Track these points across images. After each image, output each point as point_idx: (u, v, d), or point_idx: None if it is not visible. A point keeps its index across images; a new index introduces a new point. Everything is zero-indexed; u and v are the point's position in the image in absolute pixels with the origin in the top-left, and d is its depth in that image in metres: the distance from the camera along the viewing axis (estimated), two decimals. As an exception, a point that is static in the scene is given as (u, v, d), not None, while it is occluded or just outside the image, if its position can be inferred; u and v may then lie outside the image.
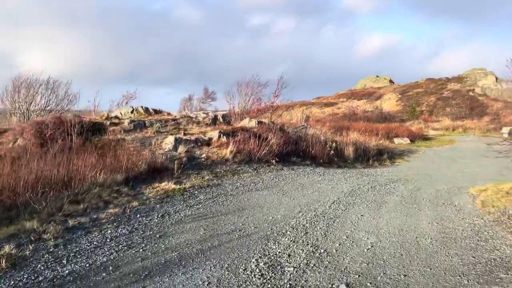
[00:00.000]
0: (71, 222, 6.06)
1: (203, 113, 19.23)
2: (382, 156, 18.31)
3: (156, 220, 6.59)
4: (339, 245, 5.62)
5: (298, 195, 8.93)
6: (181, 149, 12.08)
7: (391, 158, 18.29)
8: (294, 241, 5.78)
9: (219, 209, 7.51)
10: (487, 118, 39.90)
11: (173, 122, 16.18)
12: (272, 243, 5.69)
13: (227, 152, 12.53)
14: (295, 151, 15.34)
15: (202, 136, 13.90)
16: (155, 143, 12.24)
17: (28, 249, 4.90)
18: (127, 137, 13.40)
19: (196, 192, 8.70)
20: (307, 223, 6.70)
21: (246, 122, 17.26)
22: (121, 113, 17.59)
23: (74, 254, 4.93)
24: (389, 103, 53.66)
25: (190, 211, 7.26)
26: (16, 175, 7.27)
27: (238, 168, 11.73)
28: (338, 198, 8.66)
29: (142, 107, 18.18)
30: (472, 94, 49.14)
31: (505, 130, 27.98)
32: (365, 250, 5.42)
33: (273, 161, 13.33)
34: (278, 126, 16.99)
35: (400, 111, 48.68)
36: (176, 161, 10.83)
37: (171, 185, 8.90)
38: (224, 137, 13.74)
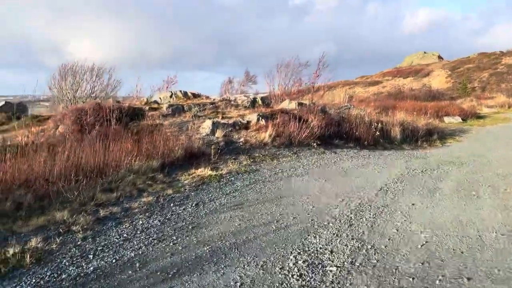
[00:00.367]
0: (102, 212, 5.84)
1: (244, 96, 18.81)
2: (432, 137, 17.13)
3: (190, 210, 6.26)
4: (389, 240, 5.02)
5: (342, 181, 8.32)
6: (219, 133, 11.72)
7: (442, 139, 17.07)
8: (337, 235, 5.24)
9: (256, 197, 7.08)
10: (548, 94, 36.79)
11: (211, 106, 15.86)
12: (313, 237, 5.18)
13: (266, 136, 12.05)
14: (338, 133, 14.60)
15: (241, 120, 13.48)
16: (192, 128, 11.96)
17: (55, 243, 4.69)
18: (165, 122, 13.22)
19: (233, 179, 8.31)
20: (352, 214, 6.12)
21: (286, 104, 16.66)
22: (160, 98, 17.50)
23: (102, 248, 4.67)
24: (438, 80, 50.87)
25: (226, 200, 6.87)
26: (51, 163, 7.16)
27: (277, 152, 11.24)
28: (386, 184, 7.97)
29: (181, 91, 18.00)
30: (531, 68, 45.51)
31: None
32: (419, 247, 4.78)
33: (314, 144, 12.71)
34: (320, 107, 16.24)
35: (450, 89, 45.99)
36: (213, 146, 10.49)
37: (208, 171, 8.56)
38: (263, 120, 13.24)
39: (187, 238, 5.08)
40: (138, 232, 5.22)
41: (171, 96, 17.51)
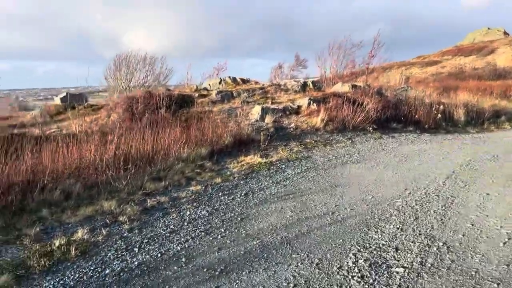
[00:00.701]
0: (150, 202, 5.66)
1: (294, 81, 18.21)
2: (499, 118, 15.68)
3: (239, 200, 5.93)
4: (463, 237, 4.38)
5: (402, 169, 7.63)
6: (268, 119, 11.31)
7: (511, 120, 15.59)
8: (402, 229, 4.67)
9: (309, 186, 6.62)
10: None
11: (261, 91, 15.45)
12: (374, 232, 4.65)
13: (318, 121, 11.48)
14: (395, 116, 13.71)
15: (291, 105, 12.98)
16: (241, 114, 11.64)
17: (102, 234, 4.53)
18: (214, 109, 13.01)
19: (284, 166, 7.89)
20: (417, 205, 5.50)
21: (339, 87, 15.90)
22: (210, 85, 17.35)
23: (148, 241, 4.45)
24: (504, 58, 46.98)
25: (276, 189, 6.48)
26: (101, 152, 7.12)
27: (330, 138, 10.66)
28: (453, 172, 7.19)
29: (230, 78, 17.74)
30: None
31: None
32: (501, 245, 4.12)
33: (370, 129, 11.97)
34: (375, 89, 15.33)
35: (518, 66, 42.29)
36: (263, 132, 10.11)
37: (257, 159, 8.20)
38: (315, 104, 12.65)
39: (236, 231, 4.75)
40: (185, 224, 4.96)
41: (220, 83, 17.31)
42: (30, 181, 5.70)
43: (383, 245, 4.26)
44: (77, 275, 3.73)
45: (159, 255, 4.12)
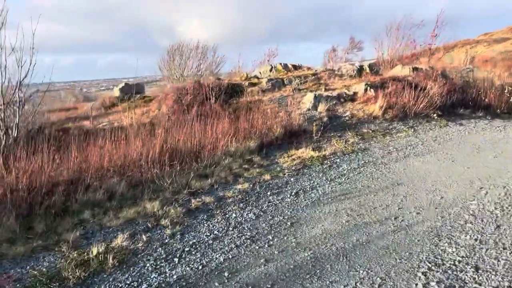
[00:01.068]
0: (194, 203, 5.32)
1: (349, 64, 17.24)
2: None
3: (289, 200, 5.44)
4: (562, 254, 3.61)
5: (475, 162, 6.75)
6: (321, 108, 10.65)
7: None
8: (481, 241, 3.96)
9: (367, 184, 5.98)
10: None
11: (313, 78, 14.72)
12: (446, 243, 3.98)
13: (376, 108, 10.64)
14: (462, 101, 12.50)
15: (346, 91, 12.19)
16: (292, 103, 11.06)
17: (142, 240, 4.24)
18: (264, 98, 12.52)
19: (338, 160, 7.27)
20: (497, 209, 4.71)
21: (398, 70, 14.78)
22: (260, 72, 16.85)
23: (189, 249, 4.10)
24: None
25: (330, 187, 5.91)
26: (148, 147, 6.91)
27: (390, 127, 9.82)
28: (538, 167, 6.23)
29: (281, 64, 17.12)
30: None
31: None
32: None
33: (435, 116, 10.94)
34: (439, 72, 14.06)
35: None
36: (315, 122, 9.50)
37: (309, 152, 7.64)
38: (372, 90, 11.78)
39: (285, 239, 4.27)
40: (230, 229, 4.56)
41: (271, 70, 16.74)
42: (75, 180, 5.57)
43: (459, 262, 3.59)
44: (112, 290, 3.45)
45: (200, 267, 3.75)
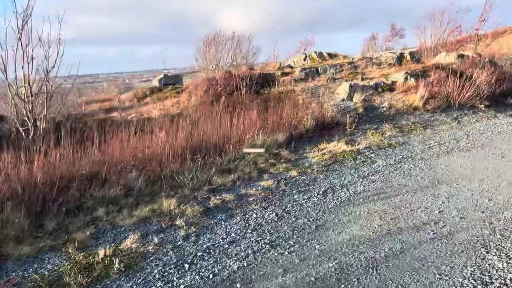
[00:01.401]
0: (214, 200, 4.98)
1: (390, 52, 16.35)
2: None
3: (316, 200, 4.99)
4: None
5: (529, 160, 6.02)
6: (357, 98, 10.03)
7: None
8: (539, 256, 3.37)
9: (404, 183, 5.42)
10: None
11: (349, 66, 14.04)
12: (495, 256, 3.42)
13: (416, 98, 9.90)
14: (512, 91, 11.48)
15: (384, 80, 11.47)
16: (325, 93, 10.50)
17: (153, 243, 3.95)
18: (296, 88, 12.02)
19: (373, 155, 6.71)
20: (557, 216, 4.06)
21: (442, 58, 13.81)
22: (294, 62, 16.32)
23: (202, 254, 3.75)
24: None
25: (363, 185, 5.40)
26: (172, 139, 6.64)
27: (431, 119, 9.10)
28: None
29: (316, 53, 16.49)
30: None
31: None
32: None
33: (481, 106, 10.07)
34: (486, 59, 13.00)
35: None
36: (350, 114, 8.93)
37: (341, 146, 7.13)
38: (412, 79, 11.01)
39: (308, 245, 3.85)
40: (249, 231, 4.18)
41: (305, 59, 16.16)
42: (93, 175, 5.37)
43: (512, 282, 3.04)
44: (114, 299, 3.17)
45: (211, 276, 3.39)
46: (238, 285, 3.24)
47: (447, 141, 7.46)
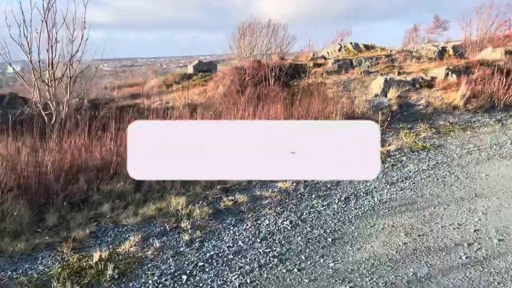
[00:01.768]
0: (226, 202, 4.66)
1: (432, 45, 15.42)
2: None
3: (336, 207, 4.57)
4: None
5: None
6: (391, 94, 9.41)
7: None
8: None
9: (437, 192, 4.90)
10: None
11: (386, 59, 13.28)
12: (541, 294, 2.92)
13: (457, 97, 9.19)
14: None
15: (422, 75, 10.74)
16: (355, 87, 9.93)
17: (153, 247, 3.67)
18: (328, 80, 11.47)
19: (404, 159, 6.19)
20: None
21: (488, 53, 12.83)
22: (328, 52, 15.67)
23: (203, 264, 3.44)
24: None
25: (389, 193, 4.92)
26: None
27: (472, 119, 8.40)
28: None
29: (352, 44, 15.75)
30: None
31: None
32: None
33: (530, 108, 9.22)
34: (538, 56, 11.95)
35: None
36: (383, 111, 8.37)
37: (370, 146, 6.61)
38: (454, 76, 10.24)
39: (321, 261, 3.45)
40: (258, 240, 3.83)
41: (340, 50, 15.47)
42: (102, 167, 5.16)
43: (560, 330, 2.55)
44: (100, 312, 2.91)
45: (209, 292, 3.07)
46: (237, 306, 2.91)
47: (488, 146, 6.81)
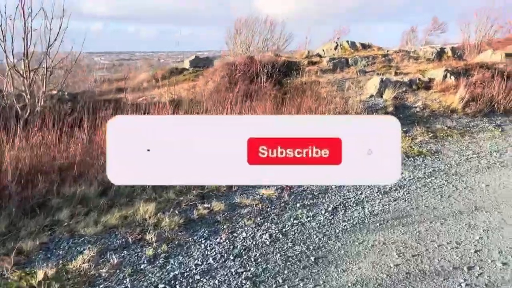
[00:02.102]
0: (200, 210, 4.20)
1: (430, 47, 15.02)
2: None
3: (322, 219, 4.12)
4: None
5: None
6: (387, 95, 8.99)
7: None
8: None
9: (433, 204, 4.48)
10: None
11: (383, 59, 12.86)
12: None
13: (455, 99, 8.78)
14: None
15: (420, 77, 10.34)
16: (350, 87, 9.50)
17: (110, 264, 3.20)
18: (322, 79, 11.03)
19: (399, 165, 5.75)
20: None
21: (487, 56, 12.47)
22: (323, 50, 15.22)
23: (164, 287, 2.98)
24: None
25: (382, 204, 4.49)
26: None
27: (471, 124, 8.00)
28: None
29: (348, 42, 15.30)
30: None
31: None
32: None
33: (530, 114, 8.84)
34: (539, 60, 11.60)
35: None
36: (378, 112, 7.94)
37: (363, 151, 6.18)
38: (452, 78, 9.85)
39: (300, 285, 3.00)
40: (231, 257, 3.38)
41: (336, 48, 15.02)
42: (68, 167, 4.69)
43: None
44: None
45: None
46: None
47: (488, 153, 6.40)
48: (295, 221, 4.05)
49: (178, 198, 4.46)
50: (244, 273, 3.15)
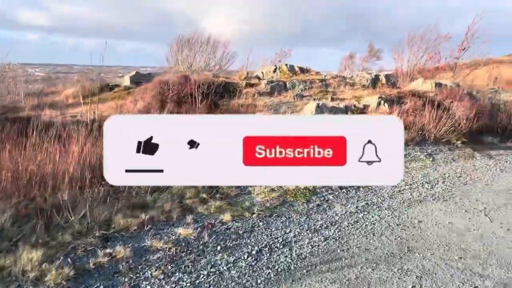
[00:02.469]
0: (98, 257, 3.53)
1: (367, 73, 15.34)
2: None
3: (244, 265, 3.61)
4: None
5: (519, 222, 4.86)
6: (323, 121, 8.80)
7: None
8: None
9: (364, 245, 4.14)
10: None
11: (320, 84, 12.89)
12: None
13: (389, 127, 8.75)
14: (490, 128, 10.63)
15: (355, 103, 10.37)
16: (286, 112, 9.25)
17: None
18: (259, 102, 10.73)
19: (331, 197, 5.43)
20: None
21: (418, 84, 12.88)
22: (262, 73, 15.04)
23: None
24: None
25: (311, 244, 4.07)
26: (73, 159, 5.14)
27: (405, 153, 7.92)
28: None
29: (287, 65, 15.25)
30: None
31: None
32: None
33: (458, 143, 9.09)
34: (465, 91, 12.13)
35: None
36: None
37: (295, 181, 5.80)
38: (386, 105, 9.97)
39: None
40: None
41: (275, 71, 14.90)
42: None
43: None
44: None
45: None
46: None
47: (420, 184, 6.30)
48: (212, 270, 3.50)
49: (75, 241, 3.75)
50: None
